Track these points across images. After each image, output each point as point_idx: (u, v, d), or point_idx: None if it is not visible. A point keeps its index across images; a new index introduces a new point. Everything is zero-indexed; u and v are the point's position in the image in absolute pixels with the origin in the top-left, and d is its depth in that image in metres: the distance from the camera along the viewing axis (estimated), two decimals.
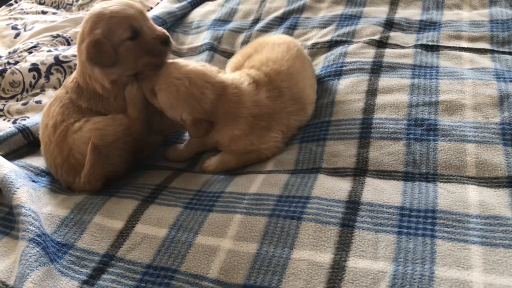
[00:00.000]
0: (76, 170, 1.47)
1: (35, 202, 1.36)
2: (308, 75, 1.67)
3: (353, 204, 1.20)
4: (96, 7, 1.45)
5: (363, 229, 1.12)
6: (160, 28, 1.48)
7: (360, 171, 1.33)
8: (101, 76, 1.46)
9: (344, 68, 1.73)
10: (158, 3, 2.78)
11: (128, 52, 1.43)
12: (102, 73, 1.46)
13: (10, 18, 2.87)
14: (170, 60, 1.49)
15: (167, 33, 1.47)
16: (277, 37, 1.78)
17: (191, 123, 1.42)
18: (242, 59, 1.69)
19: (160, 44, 1.44)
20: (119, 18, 1.40)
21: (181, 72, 1.43)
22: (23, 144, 1.71)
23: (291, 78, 1.56)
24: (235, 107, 1.46)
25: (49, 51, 2.33)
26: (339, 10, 2.16)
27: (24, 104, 2.04)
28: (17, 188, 1.36)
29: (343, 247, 1.09)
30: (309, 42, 1.99)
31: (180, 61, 1.50)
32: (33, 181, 1.52)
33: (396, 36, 1.89)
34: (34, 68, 2.19)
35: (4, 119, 1.97)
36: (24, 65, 2.20)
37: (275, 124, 1.50)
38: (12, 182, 1.39)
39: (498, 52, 1.71)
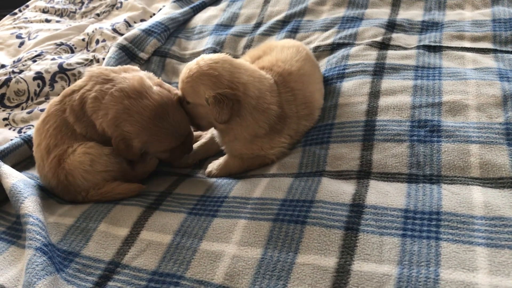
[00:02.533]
0: (71, 189, 1.48)
1: (42, 212, 1.37)
2: (317, 79, 1.67)
3: (357, 207, 1.19)
4: (146, 84, 1.45)
5: (367, 232, 1.12)
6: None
7: (364, 173, 1.33)
8: None
9: (347, 70, 1.73)
10: (160, 9, 2.80)
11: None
12: None
13: (14, 27, 2.90)
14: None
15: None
16: (285, 41, 1.79)
17: (214, 102, 1.35)
18: (250, 60, 1.68)
19: None
20: (131, 121, 1.41)
21: (191, 63, 1.43)
22: (28, 155, 1.72)
23: (302, 80, 1.56)
24: (263, 103, 1.43)
25: (53, 59, 2.35)
26: (341, 12, 2.16)
27: (29, 113, 2.05)
28: (25, 198, 1.37)
29: (348, 250, 1.08)
30: (312, 45, 2.00)
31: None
32: (42, 190, 1.53)
33: (398, 37, 1.88)
34: (39, 76, 2.21)
35: (9, 128, 1.99)
36: (29, 74, 2.22)
37: (286, 128, 1.50)
38: (20, 191, 1.40)
39: (501, 51, 1.70)
